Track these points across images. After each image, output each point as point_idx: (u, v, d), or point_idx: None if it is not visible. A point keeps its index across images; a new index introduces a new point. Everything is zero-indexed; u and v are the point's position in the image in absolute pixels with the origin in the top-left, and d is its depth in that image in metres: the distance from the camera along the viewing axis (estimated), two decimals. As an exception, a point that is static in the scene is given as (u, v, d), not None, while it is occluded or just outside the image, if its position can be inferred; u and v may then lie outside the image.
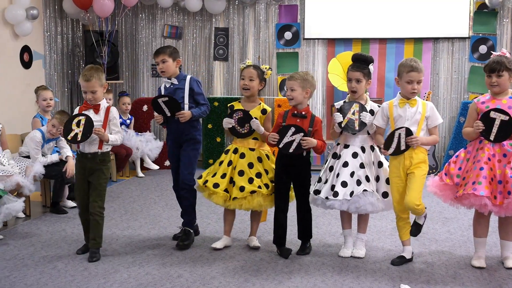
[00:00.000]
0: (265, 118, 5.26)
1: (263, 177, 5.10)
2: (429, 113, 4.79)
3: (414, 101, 4.81)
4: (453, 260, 4.99)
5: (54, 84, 9.46)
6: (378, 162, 5.01)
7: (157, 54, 5.37)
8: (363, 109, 4.92)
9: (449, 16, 9.20)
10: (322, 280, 4.49)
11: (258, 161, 5.15)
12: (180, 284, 4.41)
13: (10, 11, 8.16)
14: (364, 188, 4.84)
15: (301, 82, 4.96)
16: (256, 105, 5.28)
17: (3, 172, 5.91)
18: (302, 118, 5.01)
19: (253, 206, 5.06)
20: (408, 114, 4.78)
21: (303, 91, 4.97)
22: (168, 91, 5.40)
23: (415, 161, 4.73)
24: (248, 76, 5.19)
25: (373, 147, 5.04)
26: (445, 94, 9.37)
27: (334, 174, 4.96)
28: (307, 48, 9.73)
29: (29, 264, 4.87)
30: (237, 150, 5.18)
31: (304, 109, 5.05)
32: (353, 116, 4.92)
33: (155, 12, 10.11)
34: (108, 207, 6.77)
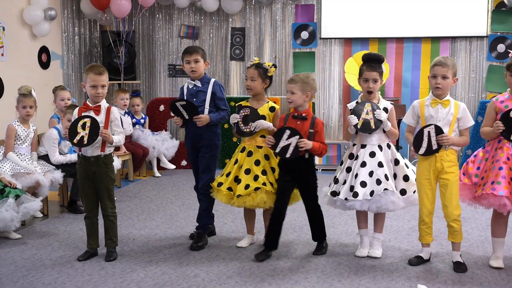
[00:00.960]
0: (274, 115, 5.23)
1: (268, 174, 5.08)
2: (461, 114, 4.68)
3: (447, 101, 4.71)
4: (471, 260, 4.96)
5: (71, 85, 9.52)
6: (395, 160, 4.98)
7: (190, 52, 5.30)
8: (375, 107, 4.87)
9: (466, 15, 9.13)
10: (338, 280, 4.48)
11: (265, 158, 5.13)
12: (197, 283, 4.42)
13: (28, 12, 8.23)
14: (384, 187, 4.81)
15: (301, 85, 4.93)
16: (264, 103, 5.27)
17: (24, 170, 5.97)
18: (302, 120, 4.97)
19: (257, 203, 5.02)
20: (440, 115, 4.70)
21: (303, 94, 4.93)
22: (190, 92, 5.36)
23: (447, 164, 4.67)
24: (250, 77, 5.20)
25: (389, 144, 5.01)
26: (463, 93, 9.31)
27: (353, 175, 4.93)
28: (323, 48, 9.71)
29: (47, 263, 4.90)
30: (244, 149, 5.18)
31: (305, 111, 5.00)
32: (367, 116, 4.87)
33: (172, 12, 10.14)
34: (125, 207, 6.81)
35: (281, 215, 5.00)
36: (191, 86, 5.36)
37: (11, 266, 4.82)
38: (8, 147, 6.12)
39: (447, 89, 4.73)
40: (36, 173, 6.03)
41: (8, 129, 6.16)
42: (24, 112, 6.19)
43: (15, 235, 5.61)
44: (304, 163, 4.96)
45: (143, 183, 8.41)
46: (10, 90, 7.57)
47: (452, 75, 4.69)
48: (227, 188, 5.07)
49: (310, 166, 5.02)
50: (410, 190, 4.96)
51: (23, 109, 6.19)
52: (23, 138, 6.19)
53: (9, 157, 6.05)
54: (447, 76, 4.66)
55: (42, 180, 6.04)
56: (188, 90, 5.37)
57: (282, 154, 4.87)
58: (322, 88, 9.71)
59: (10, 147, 6.12)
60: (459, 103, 4.73)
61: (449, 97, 4.72)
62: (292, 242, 5.45)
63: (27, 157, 6.19)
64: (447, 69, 4.65)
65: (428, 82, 4.83)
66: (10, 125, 6.18)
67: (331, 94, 9.70)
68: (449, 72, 4.65)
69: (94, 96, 4.88)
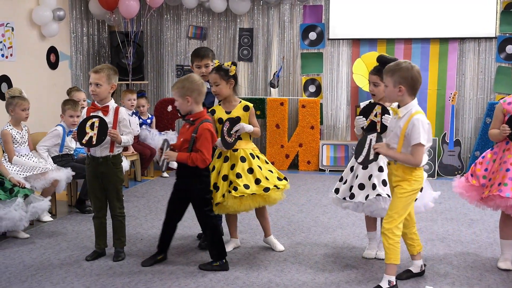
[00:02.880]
0: (249, 114, 5.07)
1: (244, 176, 4.90)
2: (409, 129, 4.12)
3: (399, 111, 4.23)
4: (479, 262, 4.95)
5: (80, 85, 9.53)
6: None
7: (200, 57, 5.22)
8: (385, 111, 4.53)
9: (475, 16, 9.10)
10: (346, 281, 4.48)
11: (241, 160, 4.97)
12: (204, 284, 4.43)
13: (37, 12, 8.26)
14: (377, 192, 4.66)
15: (179, 90, 4.66)
16: (236, 104, 5.09)
17: (38, 170, 5.99)
18: (190, 125, 4.71)
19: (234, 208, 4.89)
20: (392, 124, 4.32)
21: (184, 100, 4.65)
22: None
23: (394, 178, 4.24)
24: (213, 82, 5.01)
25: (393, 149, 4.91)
26: (471, 94, 9.28)
27: (354, 175, 4.88)
28: (331, 49, 9.70)
29: (55, 263, 4.92)
30: (221, 155, 5.04)
31: (193, 115, 4.69)
32: (375, 118, 4.60)
33: (180, 13, 10.16)
34: (133, 207, 6.82)
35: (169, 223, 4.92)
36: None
37: (19, 266, 4.84)
38: (10, 152, 6.08)
39: (388, 97, 4.32)
40: (50, 170, 6.06)
41: (4, 134, 6.09)
42: (24, 115, 6.17)
43: (23, 235, 5.63)
44: (187, 170, 4.68)
45: (150, 183, 8.42)
46: (19, 90, 7.60)
47: (392, 83, 4.18)
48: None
49: (195, 173, 4.68)
50: None
51: (22, 112, 6.15)
52: (19, 140, 6.17)
53: (15, 162, 6.05)
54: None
55: (58, 176, 6.08)
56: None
57: (162, 168, 4.73)
58: (330, 89, 9.70)
59: (12, 151, 6.10)
60: (415, 117, 4.13)
61: (406, 108, 4.21)
62: (300, 243, 5.45)
63: (32, 156, 6.21)
64: (385, 76, 4.24)
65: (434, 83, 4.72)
66: (5, 131, 6.10)
67: (339, 95, 9.68)
68: (386, 79, 4.21)
69: (90, 92, 4.89)
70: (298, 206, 5.49)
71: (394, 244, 4.16)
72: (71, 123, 6.57)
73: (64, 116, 6.62)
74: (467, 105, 9.27)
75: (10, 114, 6.17)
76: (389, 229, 4.15)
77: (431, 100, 9.26)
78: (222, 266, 4.74)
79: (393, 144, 4.22)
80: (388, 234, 4.16)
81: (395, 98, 4.23)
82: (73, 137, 5.04)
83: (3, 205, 5.25)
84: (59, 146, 6.63)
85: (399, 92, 4.15)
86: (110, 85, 4.87)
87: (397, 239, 4.17)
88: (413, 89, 4.20)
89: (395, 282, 4.23)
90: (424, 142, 4.07)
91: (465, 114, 9.27)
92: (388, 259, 4.20)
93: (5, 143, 6.08)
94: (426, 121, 4.14)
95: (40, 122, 7.70)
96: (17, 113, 6.14)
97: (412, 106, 4.19)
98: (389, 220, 4.18)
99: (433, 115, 9.26)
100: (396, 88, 4.15)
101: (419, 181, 4.23)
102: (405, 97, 4.19)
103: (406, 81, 4.15)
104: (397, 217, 4.16)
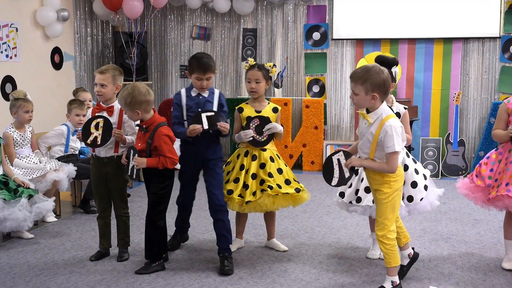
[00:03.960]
0: (276, 116, 5.11)
1: (275, 176, 4.96)
2: (382, 136, 4.00)
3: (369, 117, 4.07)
4: (483, 262, 4.94)
5: (84, 85, 9.54)
6: (404, 166, 4.69)
7: (204, 71, 4.80)
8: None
9: (479, 16, 9.08)
10: (350, 282, 4.48)
11: (271, 160, 5.02)
12: (208, 284, 4.43)
13: (41, 13, 8.27)
14: None
15: (128, 106, 4.60)
16: (265, 104, 5.13)
17: (38, 173, 5.99)
18: (144, 131, 4.67)
19: (267, 207, 4.93)
20: (362, 129, 4.19)
21: (133, 112, 4.61)
22: (196, 101, 4.88)
23: (373, 181, 4.17)
24: (254, 79, 5.06)
25: None
26: (475, 94, 9.26)
27: (359, 179, 4.82)
28: (335, 49, 9.69)
29: (59, 263, 4.93)
30: (248, 153, 5.05)
31: (146, 122, 4.65)
32: None
33: (184, 13, 10.16)
34: (137, 207, 6.83)
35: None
36: (195, 94, 4.90)
37: (24, 266, 4.85)
38: (11, 155, 6.06)
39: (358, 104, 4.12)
40: (49, 172, 6.05)
41: (6, 137, 6.05)
42: (27, 117, 6.14)
43: (28, 235, 5.64)
44: (151, 169, 4.67)
45: (154, 183, 8.41)
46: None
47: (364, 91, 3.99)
48: (238, 195, 4.94)
49: (156, 172, 4.66)
50: (417, 197, 4.70)
51: (25, 114, 6.12)
52: (21, 142, 6.15)
53: (16, 164, 6.05)
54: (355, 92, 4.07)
55: (57, 176, 6.08)
56: (192, 99, 4.89)
57: (132, 176, 4.68)
58: (334, 89, 9.69)
59: (13, 154, 6.07)
60: (386, 123, 3.98)
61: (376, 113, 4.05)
62: (304, 243, 5.45)
63: (32, 158, 6.19)
64: (354, 84, 4.05)
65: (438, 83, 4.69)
66: (6, 133, 6.08)
67: (343, 95, 9.67)
68: (356, 87, 4.02)
69: (95, 93, 4.92)
70: (302, 206, 5.49)
71: (391, 248, 4.13)
72: (77, 122, 6.59)
73: (70, 115, 6.64)
74: (471, 105, 9.25)
75: (14, 116, 6.15)
76: (382, 236, 4.12)
77: (435, 100, 9.25)
78: (161, 265, 4.77)
79: (366, 149, 4.13)
80: (383, 240, 4.12)
81: (367, 105, 4.06)
82: (78, 137, 5.07)
83: (8, 206, 5.26)
84: (64, 146, 6.64)
85: (372, 99, 3.99)
86: (115, 85, 4.90)
87: (393, 243, 4.14)
88: (386, 94, 4.05)
89: (398, 282, 4.23)
90: (398, 148, 3.96)
91: (469, 114, 9.26)
92: (388, 263, 4.18)
93: (6, 146, 6.02)
94: (398, 125, 4.02)
95: (44, 122, 7.71)
96: (20, 116, 6.12)
97: (382, 110, 4.04)
98: (380, 227, 4.13)
99: (437, 115, 9.25)
100: (369, 96, 3.98)
101: (398, 180, 4.13)
102: (377, 103, 4.04)
103: (379, 87, 3.97)
104: (388, 222, 4.10)
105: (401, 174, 4.19)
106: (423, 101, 9.21)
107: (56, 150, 6.62)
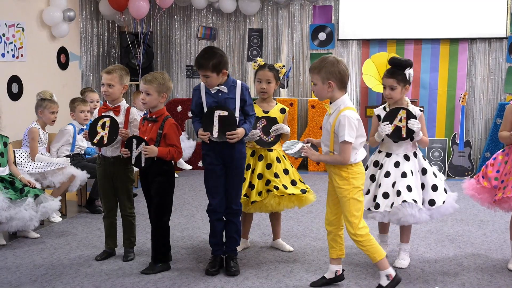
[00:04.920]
0: (284, 117, 5.11)
1: (281, 177, 4.96)
2: (336, 127, 4.04)
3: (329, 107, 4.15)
4: (489, 263, 4.93)
5: (90, 85, 9.57)
6: (422, 169, 4.68)
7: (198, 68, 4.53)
8: (410, 115, 4.59)
9: (485, 16, 9.06)
10: (355, 282, 4.47)
11: (277, 161, 5.01)
12: (214, 284, 4.43)
13: (47, 13, 8.29)
14: (403, 199, 4.52)
15: (158, 86, 4.60)
16: (273, 105, 5.13)
17: (55, 166, 6.06)
18: (153, 122, 4.68)
19: (272, 207, 4.93)
20: (324, 121, 4.25)
21: (159, 96, 4.63)
22: (215, 99, 4.56)
23: (334, 183, 4.16)
24: (266, 79, 5.01)
25: (416, 153, 4.73)
26: (482, 95, 9.24)
27: (376, 185, 4.71)
28: (341, 49, 9.68)
29: (65, 262, 4.94)
30: (254, 153, 5.06)
31: (157, 112, 4.69)
32: (400, 123, 4.61)
33: (190, 13, 10.17)
34: (143, 207, 6.80)
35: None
36: (214, 91, 4.55)
37: (30, 265, 4.86)
38: (34, 149, 6.21)
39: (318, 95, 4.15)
40: (68, 166, 6.16)
41: (32, 132, 6.23)
42: (53, 117, 6.34)
43: (34, 234, 5.66)
44: (156, 167, 4.66)
45: (160, 183, 8.42)
46: (29, 90, 7.63)
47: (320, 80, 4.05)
48: (244, 194, 4.93)
49: (161, 170, 4.67)
50: (440, 200, 4.65)
51: (51, 114, 6.32)
52: (44, 141, 6.34)
53: (38, 159, 6.14)
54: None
55: (76, 172, 6.20)
56: (211, 96, 4.56)
57: (137, 164, 4.64)
58: (340, 89, 9.68)
59: (36, 148, 6.23)
60: (342, 113, 4.02)
61: (336, 104, 4.10)
62: (309, 244, 5.45)
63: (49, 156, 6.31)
64: (311, 74, 4.11)
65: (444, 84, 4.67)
66: (34, 128, 6.25)
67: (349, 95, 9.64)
68: (314, 77, 4.08)
69: (102, 93, 4.93)
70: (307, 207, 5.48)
71: (368, 243, 4.10)
72: (83, 119, 6.64)
73: (75, 113, 6.66)
74: (477, 106, 9.24)
75: (39, 115, 6.33)
76: (354, 234, 4.09)
77: (441, 101, 9.23)
78: (167, 265, 4.79)
79: (326, 141, 4.15)
80: (356, 238, 4.10)
81: (325, 95, 4.10)
82: (84, 136, 5.09)
83: (14, 205, 5.27)
84: (71, 145, 6.66)
85: (329, 88, 4.04)
86: (122, 85, 4.90)
87: (368, 237, 4.09)
88: (342, 83, 4.07)
89: (394, 273, 4.16)
90: (349, 139, 3.96)
91: (475, 115, 9.24)
92: (373, 259, 4.15)
93: (31, 140, 6.23)
94: (354, 116, 4.02)
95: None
96: (45, 116, 6.33)
97: (342, 102, 4.08)
98: (349, 226, 4.11)
99: (443, 115, 9.23)
100: (326, 85, 4.03)
101: (358, 177, 4.10)
102: (335, 93, 4.07)
103: (334, 75, 4.01)
104: (354, 219, 4.07)
105: (361, 172, 4.16)
106: (429, 102, 9.19)
107: (62, 150, 6.63)
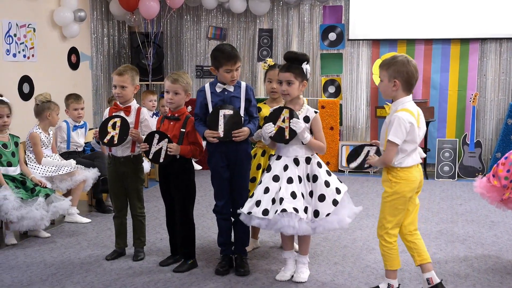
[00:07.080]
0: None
1: None
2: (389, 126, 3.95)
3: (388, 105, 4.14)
4: (500, 264, 4.90)
5: (100, 85, 9.62)
6: (313, 176, 4.36)
7: (234, 60, 4.49)
8: (293, 115, 4.32)
9: (496, 16, 9.00)
10: (365, 283, 4.47)
11: None
12: (224, 284, 4.44)
13: (58, 14, 8.32)
14: (283, 207, 4.19)
15: (185, 86, 4.67)
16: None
17: (64, 170, 6.07)
18: (175, 121, 4.73)
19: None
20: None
21: (185, 94, 4.70)
22: (221, 98, 4.59)
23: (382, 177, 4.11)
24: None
25: (309, 158, 4.40)
26: (493, 95, 9.20)
27: (262, 188, 4.40)
28: (351, 49, 9.67)
29: (75, 262, 4.96)
30: (264, 153, 5.01)
31: (179, 111, 4.75)
32: (283, 123, 4.32)
33: (200, 14, 10.18)
34: (152, 207, 6.85)
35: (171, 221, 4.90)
36: (220, 90, 4.60)
37: (40, 265, 4.88)
38: (38, 154, 6.17)
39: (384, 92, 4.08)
40: (77, 171, 6.16)
41: (33, 137, 6.17)
42: (57, 119, 6.40)
43: (44, 234, 5.68)
44: (178, 165, 4.70)
45: (170, 183, 8.43)
46: (40, 90, 7.62)
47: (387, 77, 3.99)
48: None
49: (186, 170, 4.74)
50: (324, 212, 4.28)
51: (57, 116, 6.39)
52: (47, 143, 6.30)
53: (44, 163, 6.14)
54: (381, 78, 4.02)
55: (85, 176, 6.22)
56: (217, 95, 4.59)
57: (155, 159, 4.63)
58: (350, 89, 9.67)
59: (41, 153, 6.19)
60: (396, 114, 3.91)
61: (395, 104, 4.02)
62: (319, 244, 5.44)
63: (56, 158, 6.29)
64: (380, 70, 4.05)
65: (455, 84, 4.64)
66: (34, 133, 6.18)
67: (359, 96, 9.65)
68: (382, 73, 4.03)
69: (114, 95, 4.96)
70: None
71: (388, 250, 4.03)
72: (76, 116, 6.65)
73: (69, 110, 6.67)
74: (488, 106, 9.19)
75: (47, 117, 6.28)
76: (380, 236, 4.06)
77: (452, 101, 9.19)
78: (195, 262, 4.83)
79: (382, 141, 4.04)
80: (381, 240, 4.06)
81: (390, 93, 3.99)
82: (94, 136, 5.11)
83: (25, 205, 5.30)
84: (66, 142, 6.64)
85: (394, 87, 3.94)
86: (134, 86, 4.94)
87: (391, 246, 4.01)
88: (408, 85, 3.96)
89: (395, 286, 4.14)
90: (393, 139, 3.85)
91: (486, 115, 9.19)
92: (384, 265, 4.13)
93: (34, 146, 6.18)
94: (407, 119, 3.86)
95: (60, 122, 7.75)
96: (53, 118, 6.33)
97: (401, 103, 3.96)
98: (379, 225, 4.07)
99: (453, 116, 9.19)
100: (391, 83, 3.94)
101: (401, 183, 3.93)
102: (398, 93, 3.96)
103: (401, 75, 3.92)
104: (386, 223, 3.99)
105: (407, 179, 3.94)
106: (440, 102, 9.16)
107: (60, 147, 6.62)
